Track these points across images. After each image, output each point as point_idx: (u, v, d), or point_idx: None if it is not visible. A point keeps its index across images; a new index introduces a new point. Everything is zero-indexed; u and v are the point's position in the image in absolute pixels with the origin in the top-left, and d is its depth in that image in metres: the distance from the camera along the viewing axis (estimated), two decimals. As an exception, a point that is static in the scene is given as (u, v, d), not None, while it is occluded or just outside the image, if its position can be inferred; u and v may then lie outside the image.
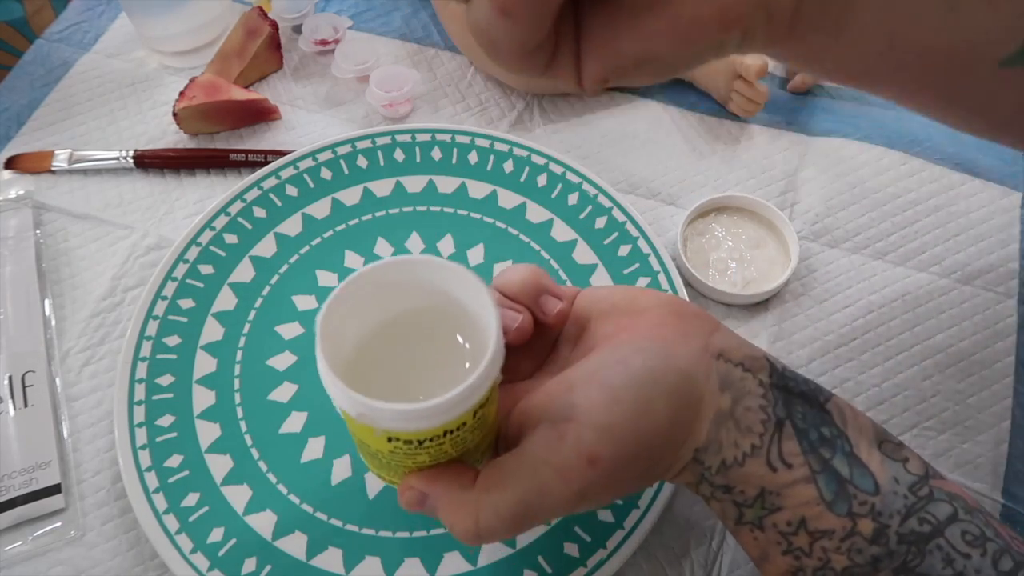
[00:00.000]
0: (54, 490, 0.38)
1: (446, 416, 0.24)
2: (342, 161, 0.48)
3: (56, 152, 0.50)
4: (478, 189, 0.48)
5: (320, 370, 0.25)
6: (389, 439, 0.25)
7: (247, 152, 0.50)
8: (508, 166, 0.48)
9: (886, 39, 0.26)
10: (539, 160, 0.48)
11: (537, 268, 0.31)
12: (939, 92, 0.29)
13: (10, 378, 0.41)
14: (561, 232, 0.46)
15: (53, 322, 0.44)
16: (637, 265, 0.44)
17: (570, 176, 0.47)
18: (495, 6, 0.21)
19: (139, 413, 0.39)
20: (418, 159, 0.48)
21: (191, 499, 0.37)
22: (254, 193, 0.46)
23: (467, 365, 0.28)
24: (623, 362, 0.27)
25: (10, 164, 0.50)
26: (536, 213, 0.47)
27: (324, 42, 0.55)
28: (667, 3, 0.23)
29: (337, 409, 0.26)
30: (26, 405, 0.40)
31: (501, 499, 0.26)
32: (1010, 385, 0.42)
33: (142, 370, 0.40)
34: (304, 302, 0.44)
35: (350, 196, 0.47)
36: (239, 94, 0.51)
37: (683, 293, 0.43)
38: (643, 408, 0.26)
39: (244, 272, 0.45)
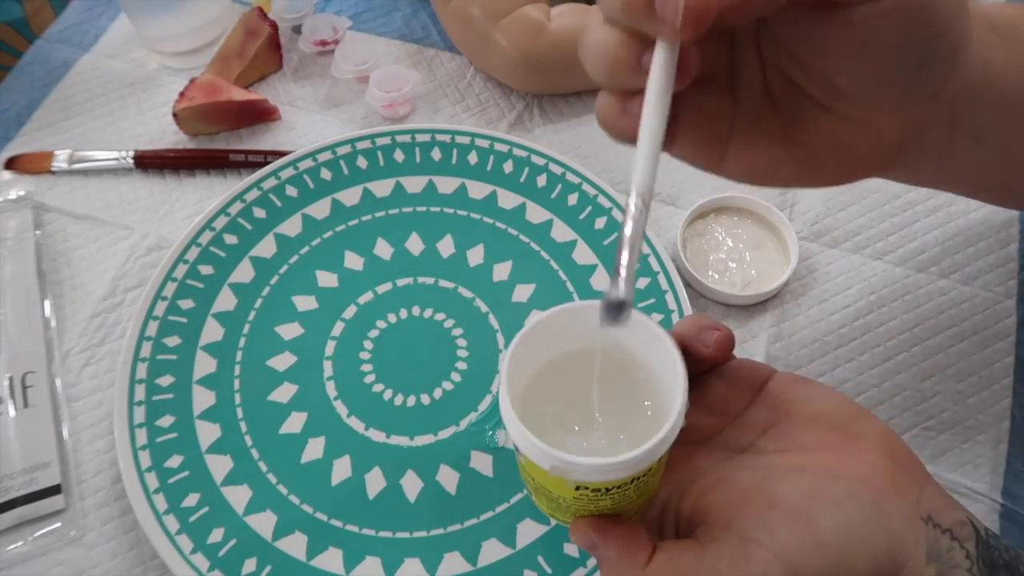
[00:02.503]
0: (54, 491, 0.38)
1: (639, 467, 0.24)
2: (342, 161, 0.48)
3: (56, 153, 0.50)
4: (478, 189, 0.48)
5: (509, 424, 0.26)
6: (577, 487, 0.26)
7: (247, 152, 0.50)
8: (508, 166, 0.48)
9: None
10: (539, 160, 0.48)
11: (695, 316, 0.31)
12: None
13: (10, 379, 0.41)
14: (561, 232, 0.46)
15: (53, 323, 0.44)
16: (637, 266, 0.44)
17: (570, 176, 0.47)
18: None
19: (139, 414, 0.39)
20: (418, 159, 0.48)
21: (191, 499, 0.37)
22: (254, 194, 0.46)
23: (647, 403, 0.28)
24: (835, 505, 0.25)
25: (10, 164, 0.50)
26: (536, 213, 0.47)
27: (324, 42, 0.55)
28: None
29: (518, 455, 0.27)
30: (26, 406, 0.40)
31: None
32: (1009, 385, 0.42)
33: (142, 371, 0.40)
34: (304, 303, 0.44)
35: (350, 196, 0.47)
36: (239, 95, 0.51)
37: (683, 293, 0.43)
38: (843, 563, 0.24)
39: (244, 273, 0.45)
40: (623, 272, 0.22)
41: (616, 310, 0.23)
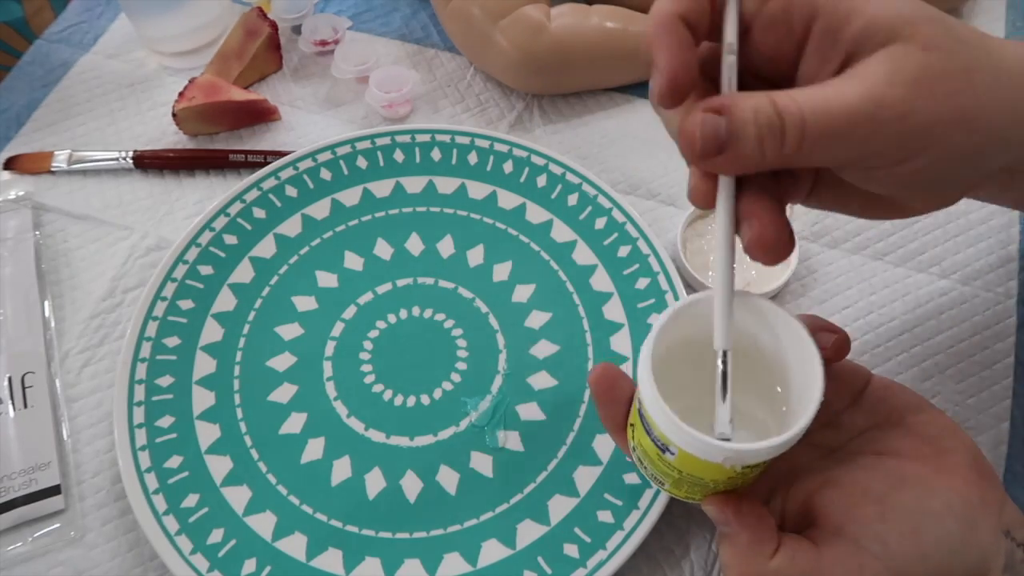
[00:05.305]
0: (54, 491, 0.38)
1: (787, 447, 0.26)
2: (342, 162, 0.48)
3: (56, 153, 0.50)
4: (478, 190, 0.48)
5: (671, 427, 0.26)
6: (736, 469, 0.27)
7: (247, 153, 0.50)
8: (508, 167, 0.48)
9: None
10: (539, 161, 0.48)
11: (810, 316, 0.32)
12: None
13: (10, 379, 0.41)
14: (561, 233, 0.46)
15: (53, 323, 0.44)
16: (637, 266, 0.44)
17: (570, 177, 0.47)
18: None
19: (139, 414, 0.39)
20: (418, 160, 0.48)
21: (191, 500, 0.37)
22: (253, 194, 0.46)
23: (779, 389, 0.29)
24: (937, 519, 0.28)
25: (9, 165, 0.50)
26: (536, 214, 0.47)
27: (324, 43, 0.55)
28: None
29: (664, 454, 0.28)
30: (26, 406, 0.40)
31: None
32: (1009, 386, 0.42)
33: (142, 371, 0.40)
34: (304, 303, 0.44)
35: (350, 197, 0.47)
36: (238, 95, 0.51)
37: (683, 294, 0.42)
38: (942, 572, 0.27)
39: (244, 273, 0.45)
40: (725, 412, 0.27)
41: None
